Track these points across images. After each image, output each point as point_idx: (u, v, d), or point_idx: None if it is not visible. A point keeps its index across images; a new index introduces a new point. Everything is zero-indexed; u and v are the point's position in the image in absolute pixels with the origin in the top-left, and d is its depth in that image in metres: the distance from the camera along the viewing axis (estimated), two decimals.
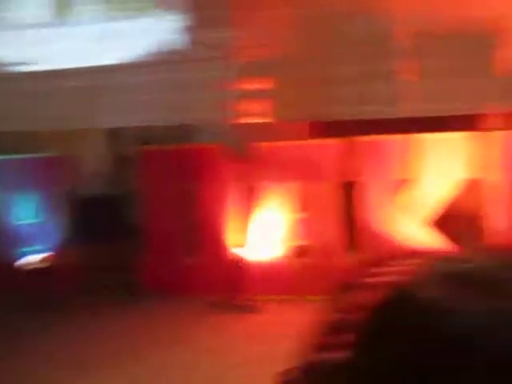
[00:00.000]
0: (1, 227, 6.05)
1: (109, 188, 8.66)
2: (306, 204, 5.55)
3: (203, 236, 5.78)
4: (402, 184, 5.31)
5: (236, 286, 5.24)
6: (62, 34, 5.84)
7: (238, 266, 5.36)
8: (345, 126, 5.56)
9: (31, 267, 5.94)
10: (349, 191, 5.48)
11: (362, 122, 5.36)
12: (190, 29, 5.47)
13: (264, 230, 3.97)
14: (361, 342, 0.55)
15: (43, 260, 5.95)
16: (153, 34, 5.58)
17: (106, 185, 8.75)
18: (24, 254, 6.05)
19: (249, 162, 5.48)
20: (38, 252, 6.05)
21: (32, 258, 5.94)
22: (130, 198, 7.80)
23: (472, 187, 5.37)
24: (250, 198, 5.62)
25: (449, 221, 5.41)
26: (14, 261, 6.03)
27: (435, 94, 4.99)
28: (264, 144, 5.59)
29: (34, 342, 5.04)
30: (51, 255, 6.01)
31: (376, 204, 5.35)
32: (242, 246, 5.51)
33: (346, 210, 5.54)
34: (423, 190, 5.23)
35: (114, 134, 8.55)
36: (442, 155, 5.14)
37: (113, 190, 8.60)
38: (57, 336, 5.13)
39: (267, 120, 5.53)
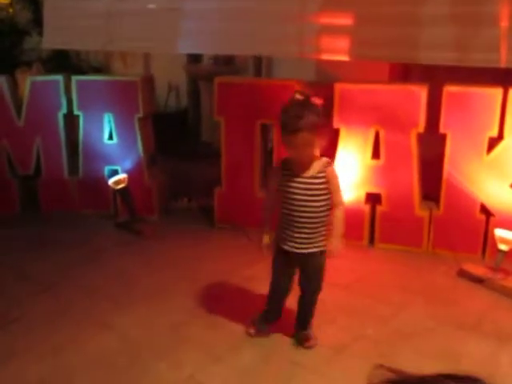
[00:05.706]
0: (87, 145, 6.19)
1: (186, 112, 8.72)
2: (382, 151, 5.39)
3: None
4: (492, 141, 5.06)
5: None
6: None
7: None
8: (428, 72, 5.30)
9: (111, 187, 6.11)
10: (431, 142, 5.29)
11: (448, 69, 5.04)
12: None
13: (339, 173, 3.88)
14: None
15: (121, 180, 6.09)
16: None
17: (183, 109, 8.81)
18: (107, 173, 6.23)
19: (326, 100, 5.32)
20: (117, 172, 6.19)
21: (112, 178, 6.09)
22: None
23: None
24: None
25: None
26: (100, 178, 6.22)
27: None
28: (342, 85, 5.40)
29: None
30: (128, 176, 6.15)
31: (460, 158, 5.16)
32: None
33: (425, 160, 5.38)
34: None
35: (194, 60, 8.53)
36: None
37: (190, 114, 8.64)
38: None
39: (347, 58, 5.25)
